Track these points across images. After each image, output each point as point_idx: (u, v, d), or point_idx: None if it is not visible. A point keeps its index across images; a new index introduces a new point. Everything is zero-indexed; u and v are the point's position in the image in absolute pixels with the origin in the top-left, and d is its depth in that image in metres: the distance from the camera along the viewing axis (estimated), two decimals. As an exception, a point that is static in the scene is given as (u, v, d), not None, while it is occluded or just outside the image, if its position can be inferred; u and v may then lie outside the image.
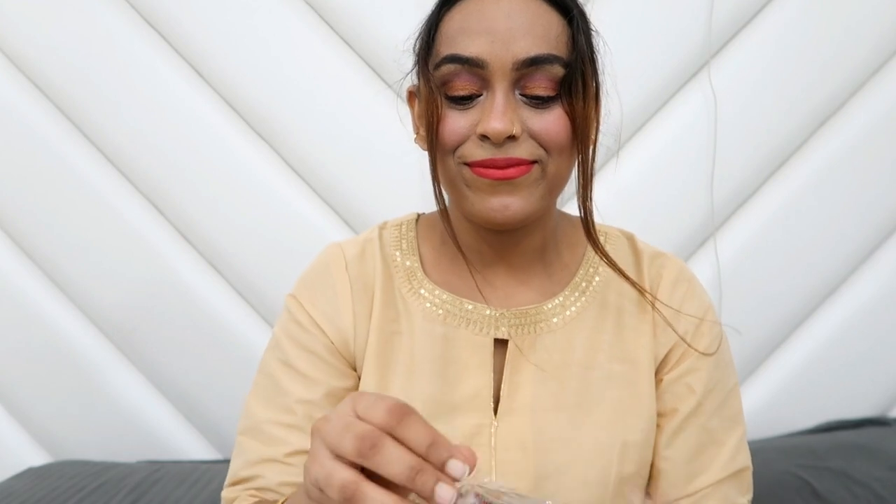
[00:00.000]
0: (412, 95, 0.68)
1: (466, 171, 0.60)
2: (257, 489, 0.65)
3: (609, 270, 0.69)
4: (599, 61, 0.65)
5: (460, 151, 0.60)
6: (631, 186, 1.33)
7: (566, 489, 0.63)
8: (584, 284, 0.69)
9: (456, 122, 0.60)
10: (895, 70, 1.33)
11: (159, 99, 1.31)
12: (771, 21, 1.31)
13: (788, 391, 1.38)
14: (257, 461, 0.66)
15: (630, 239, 0.74)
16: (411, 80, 0.67)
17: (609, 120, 0.72)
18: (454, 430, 0.65)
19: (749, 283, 1.35)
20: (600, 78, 0.66)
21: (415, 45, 0.65)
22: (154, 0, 1.30)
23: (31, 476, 1.25)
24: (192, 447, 1.40)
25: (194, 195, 1.33)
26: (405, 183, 1.31)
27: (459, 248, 0.66)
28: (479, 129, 0.58)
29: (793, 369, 1.38)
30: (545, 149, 0.60)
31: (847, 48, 1.31)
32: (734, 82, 1.32)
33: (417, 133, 0.68)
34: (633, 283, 0.68)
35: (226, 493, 0.67)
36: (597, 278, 0.70)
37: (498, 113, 0.57)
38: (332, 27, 1.31)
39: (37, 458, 1.39)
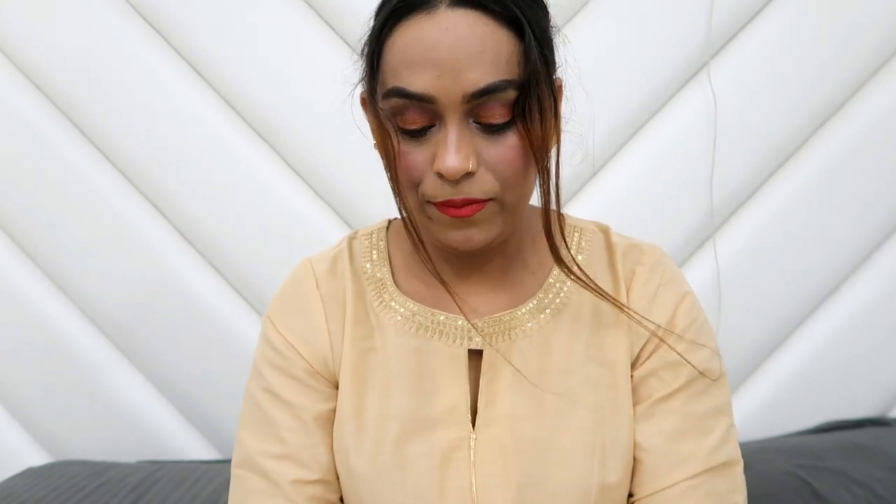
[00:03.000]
0: (366, 102, 0.65)
1: (429, 207, 0.59)
2: None
3: (584, 266, 0.67)
4: (559, 57, 0.62)
5: (422, 189, 0.58)
6: (630, 187, 1.33)
7: (548, 499, 0.62)
8: (558, 286, 0.67)
9: (413, 158, 0.58)
10: (895, 70, 1.33)
11: (159, 99, 1.31)
12: (771, 21, 1.31)
13: (788, 391, 1.38)
14: (255, 493, 0.65)
15: (605, 232, 0.71)
16: (363, 86, 0.64)
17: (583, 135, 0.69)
18: (433, 445, 0.63)
19: (749, 283, 1.35)
20: (561, 77, 0.63)
21: (363, 50, 0.62)
22: (155, 0, 1.30)
23: (31, 476, 1.25)
24: (192, 447, 1.40)
25: (194, 195, 1.33)
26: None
27: (428, 257, 0.64)
28: (435, 168, 0.56)
29: (793, 369, 1.38)
30: (501, 181, 0.57)
31: (847, 48, 1.31)
32: (734, 83, 1.32)
33: (376, 139, 0.65)
34: (608, 299, 0.64)
35: None
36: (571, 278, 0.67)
37: (452, 150, 0.55)
38: (332, 27, 1.31)
39: (37, 458, 1.39)
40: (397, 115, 0.57)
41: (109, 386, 1.38)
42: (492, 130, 0.57)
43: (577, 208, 1.33)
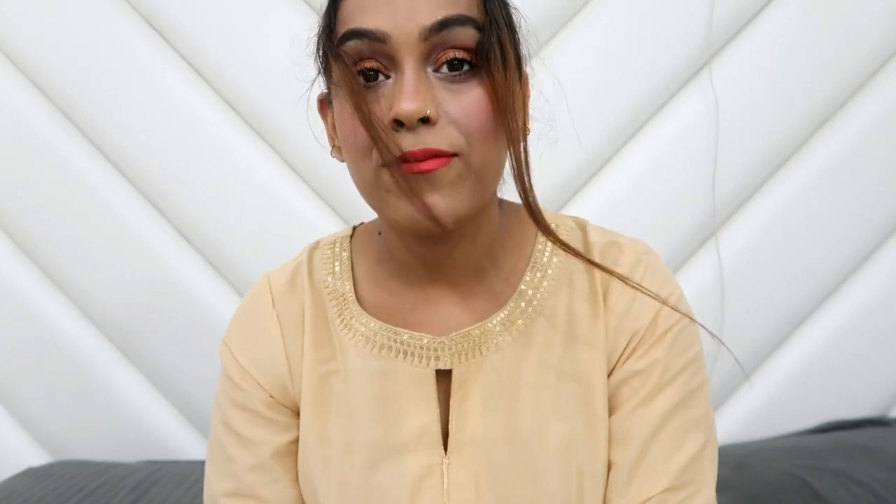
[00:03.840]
0: (323, 104, 0.62)
1: (385, 173, 0.53)
2: None
3: (557, 273, 0.62)
4: (521, 30, 0.58)
5: (375, 153, 0.53)
6: (631, 186, 1.33)
7: None
8: (530, 292, 0.62)
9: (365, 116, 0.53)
10: (895, 70, 1.33)
11: (159, 99, 1.31)
12: (772, 21, 1.31)
13: (788, 391, 1.38)
14: None
15: (583, 229, 0.66)
16: (319, 87, 0.62)
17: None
18: (403, 472, 0.60)
19: (749, 283, 1.35)
20: (522, 48, 0.59)
21: (316, 46, 0.59)
22: (155, 0, 1.30)
23: (31, 476, 1.25)
24: (192, 447, 1.40)
25: (194, 195, 1.33)
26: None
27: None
28: (391, 115, 0.51)
29: (793, 369, 1.38)
30: (466, 135, 0.52)
31: (847, 48, 1.31)
32: (735, 82, 1.31)
33: (333, 145, 0.62)
34: (596, 265, 0.60)
35: None
36: (545, 283, 0.62)
37: (409, 92, 0.50)
38: (332, 27, 1.31)
39: (37, 458, 1.39)
40: (351, 65, 0.53)
41: (109, 386, 1.38)
42: (453, 77, 0.53)
43: (579, 207, 1.33)
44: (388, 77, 0.53)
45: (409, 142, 0.51)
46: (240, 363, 0.65)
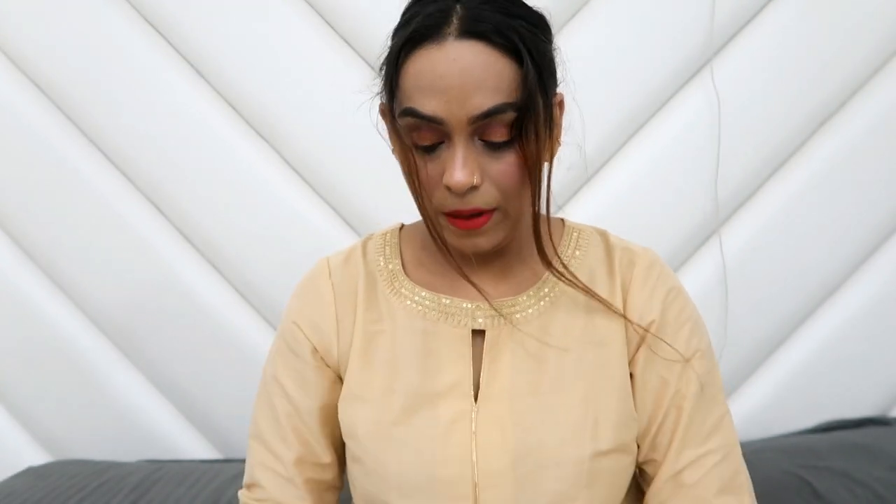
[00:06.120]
0: (385, 113, 0.71)
1: (441, 217, 0.67)
2: (258, 501, 0.74)
3: (579, 263, 0.74)
4: (559, 75, 0.69)
5: (435, 199, 0.66)
6: (635, 185, 1.33)
7: (543, 466, 0.67)
8: (554, 279, 0.73)
9: (425, 172, 0.66)
10: (895, 70, 1.33)
11: (160, 99, 1.31)
12: (772, 20, 1.31)
13: (788, 391, 1.38)
14: (260, 465, 0.74)
15: (603, 235, 0.78)
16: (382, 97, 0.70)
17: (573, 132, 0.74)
18: (437, 416, 0.69)
19: (750, 283, 1.35)
20: (559, 96, 0.70)
21: (381, 66, 0.68)
22: (155, 0, 1.30)
23: (31, 476, 1.25)
24: (192, 447, 1.41)
25: (194, 195, 1.33)
26: (405, 183, 1.31)
27: (445, 245, 0.70)
28: (444, 182, 0.64)
29: (793, 369, 1.38)
30: (502, 193, 0.65)
31: (848, 47, 1.31)
32: (736, 81, 1.32)
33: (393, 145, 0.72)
34: (597, 298, 0.71)
35: (240, 495, 0.76)
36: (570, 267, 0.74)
37: (458, 166, 0.62)
38: (332, 27, 1.31)
39: (37, 457, 1.39)
40: (412, 131, 0.65)
41: (109, 386, 1.38)
42: (494, 148, 0.64)
43: (583, 206, 1.33)
44: (442, 142, 0.64)
45: (458, 202, 0.65)
46: (296, 322, 0.77)
